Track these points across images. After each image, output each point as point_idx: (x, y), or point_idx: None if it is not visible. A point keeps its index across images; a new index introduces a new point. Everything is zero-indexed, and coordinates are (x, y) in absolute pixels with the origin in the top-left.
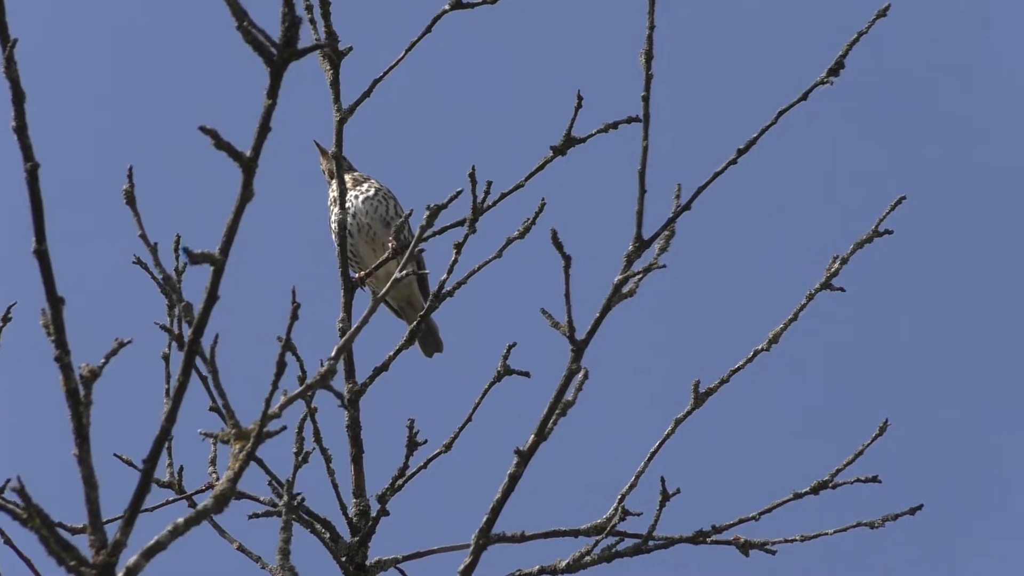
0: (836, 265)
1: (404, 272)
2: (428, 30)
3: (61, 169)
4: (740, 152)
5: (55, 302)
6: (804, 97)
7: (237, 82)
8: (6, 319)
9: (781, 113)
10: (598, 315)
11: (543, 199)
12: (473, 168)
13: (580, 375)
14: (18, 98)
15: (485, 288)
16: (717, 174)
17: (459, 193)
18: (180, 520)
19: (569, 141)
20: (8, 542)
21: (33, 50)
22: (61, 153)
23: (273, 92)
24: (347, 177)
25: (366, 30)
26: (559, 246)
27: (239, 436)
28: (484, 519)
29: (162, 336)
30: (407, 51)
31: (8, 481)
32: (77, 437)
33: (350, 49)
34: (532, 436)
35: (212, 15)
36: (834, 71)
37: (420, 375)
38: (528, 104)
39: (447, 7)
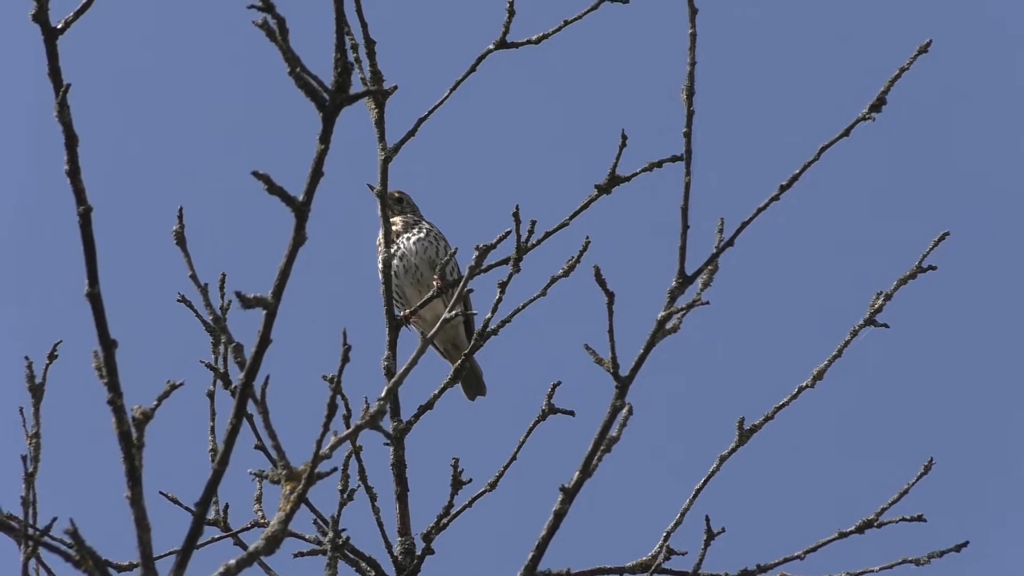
0: (880, 301)
1: (454, 313)
2: (473, 69)
3: (113, 212)
4: (783, 188)
5: (107, 345)
6: (846, 133)
7: (288, 123)
8: (52, 357)
9: (823, 149)
10: (642, 351)
11: (587, 237)
12: (517, 207)
13: (624, 411)
14: (71, 142)
15: (529, 326)
16: (760, 209)
17: (508, 234)
18: (232, 562)
19: (613, 180)
20: None
21: (84, 94)
22: (112, 196)
23: (326, 137)
24: (398, 219)
25: (410, 69)
26: (602, 283)
27: (290, 477)
28: (529, 556)
29: (202, 372)
30: (452, 90)
31: (55, 520)
32: (129, 479)
33: (395, 88)
34: (577, 473)
35: (264, 59)
36: (876, 107)
37: (464, 414)
38: (572, 142)
39: (491, 47)
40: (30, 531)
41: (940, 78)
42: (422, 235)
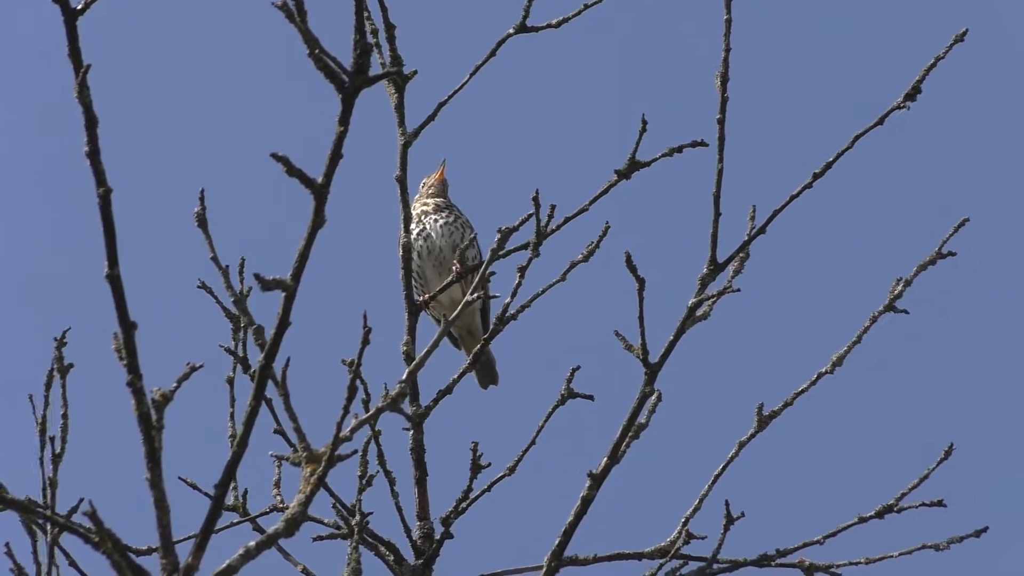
0: (899, 287)
1: (476, 296)
2: (492, 54)
3: (132, 193)
4: (816, 176)
5: (127, 327)
6: (880, 122)
7: (308, 106)
8: (62, 343)
9: (857, 138)
10: (672, 338)
11: (607, 223)
12: (537, 192)
13: (653, 398)
14: (91, 123)
15: (546, 312)
16: (793, 197)
17: (529, 217)
18: (251, 544)
19: (633, 165)
20: (73, 564)
21: (104, 75)
22: (132, 177)
23: (345, 119)
24: (430, 201)
25: (430, 53)
26: (633, 269)
27: (310, 459)
28: (556, 541)
29: (222, 357)
30: (472, 75)
31: (81, 501)
32: (149, 461)
33: (415, 73)
34: (605, 459)
35: (283, 41)
36: (911, 96)
37: (482, 399)
38: (593, 127)
39: (512, 31)
40: (52, 515)
41: (968, 67)
42: (450, 220)
